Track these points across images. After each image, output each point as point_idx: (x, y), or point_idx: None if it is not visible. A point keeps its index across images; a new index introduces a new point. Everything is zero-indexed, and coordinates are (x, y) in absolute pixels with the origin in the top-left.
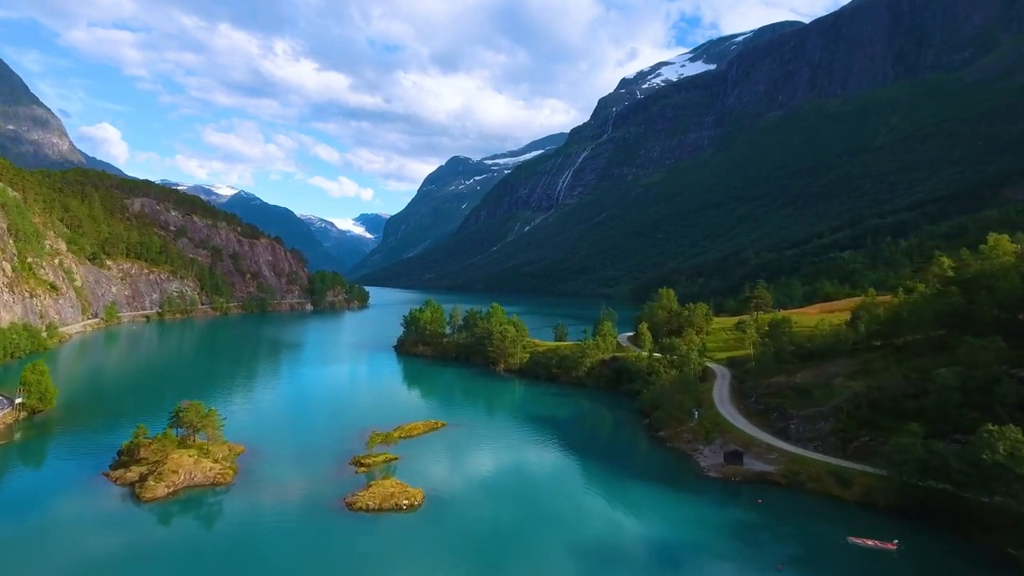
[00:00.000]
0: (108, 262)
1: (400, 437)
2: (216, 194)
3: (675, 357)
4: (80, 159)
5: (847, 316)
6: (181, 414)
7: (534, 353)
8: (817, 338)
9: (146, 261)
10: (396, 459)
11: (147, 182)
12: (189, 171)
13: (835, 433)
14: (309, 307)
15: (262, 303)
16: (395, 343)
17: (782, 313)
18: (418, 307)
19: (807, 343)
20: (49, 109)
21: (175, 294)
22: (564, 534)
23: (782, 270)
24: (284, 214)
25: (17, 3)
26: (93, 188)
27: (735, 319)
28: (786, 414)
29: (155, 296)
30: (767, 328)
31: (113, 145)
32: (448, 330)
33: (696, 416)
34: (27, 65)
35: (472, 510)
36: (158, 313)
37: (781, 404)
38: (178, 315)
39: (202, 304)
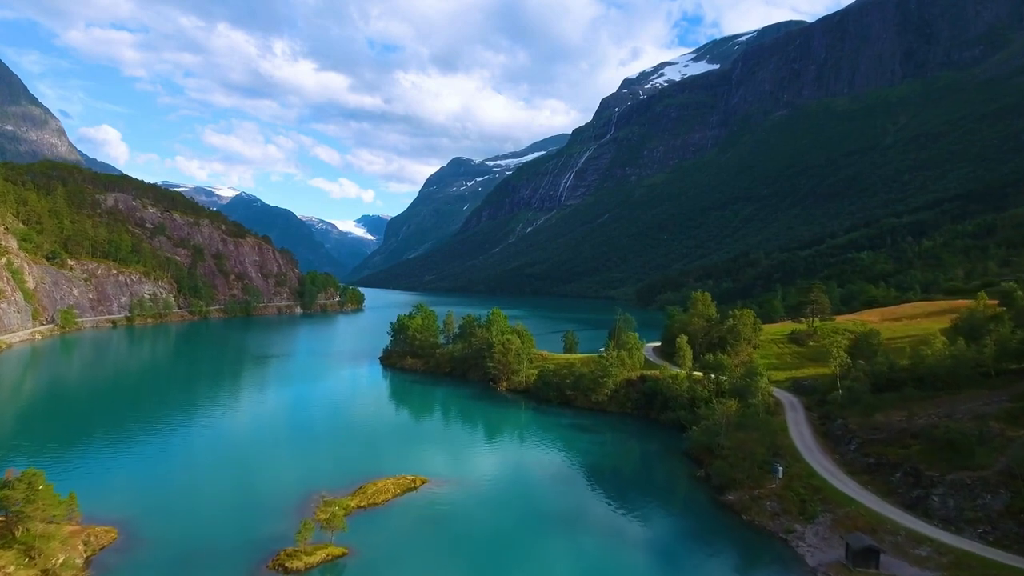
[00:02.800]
0: (70, 262)
1: (359, 507)
2: (217, 195)
3: (724, 379)
4: (78, 159)
5: (923, 324)
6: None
7: (543, 370)
8: (928, 359)
9: (115, 261)
10: (343, 555)
11: (124, 177)
12: (190, 172)
13: (1014, 515)
14: (298, 310)
15: (246, 306)
16: (381, 354)
17: (865, 322)
18: (408, 312)
19: (910, 364)
20: (48, 109)
21: (147, 297)
22: None
23: (796, 271)
24: (285, 215)
25: (14, 3)
26: (60, 182)
27: (778, 326)
28: (920, 476)
29: (124, 299)
30: (850, 343)
31: (113, 146)
32: (442, 339)
33: (780, 473)
34: (27, 66)
35: None
36: (127, 318)
37: (906, 459)
38: (150, 320)
39: (179, 308)
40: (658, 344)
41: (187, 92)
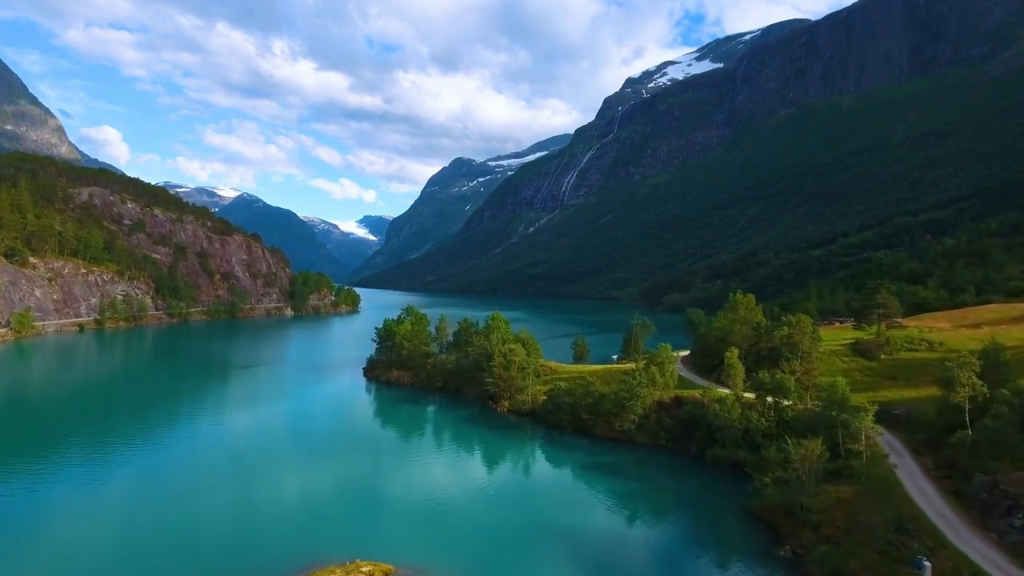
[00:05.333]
0: (33, 260)
1: None
2: (219, 196)
3: (787, 405)
4: (78, 159)
5: (1014, 332)
6: None
7: (553, 389)
8: None
9: (85, 259)
10: None
11: (103, 170)
12: (191, 173)
13: None
14: (288, 312)
15: (232, 308)
16: (365, 364)
17: (932, 328)
18: (396, 316)
19: None
20: (47, 109)
21: (120, 298)
22: None
23: (809, 271)
24: (287, 216)
25: (12, 2)
26: (30, 174)
27: (823, 332)
28: None
29: (94, 300)
30: (978, 364)
31: (114, 147)
32: (436, 348)
33: (928, 572)
34: (28, 66)
35: None
36: (96, 321)
37: None
38: (122, 323)
39: (157, 309)
40: (685, 353)
41: (187, 92)
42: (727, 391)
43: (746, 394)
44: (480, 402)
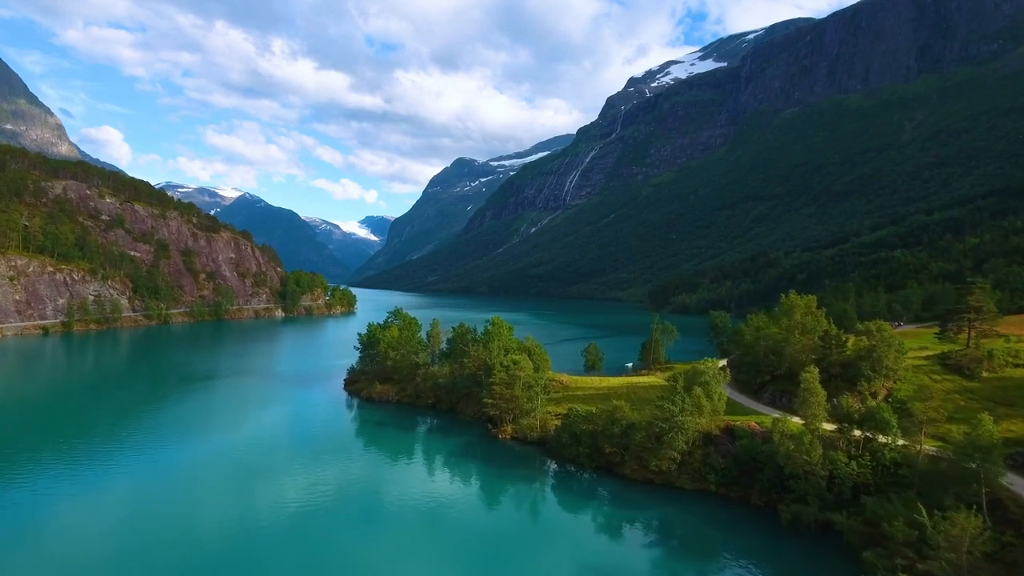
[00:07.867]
0: None
1: None
2: (221, 196)
3: (884, 444)
4: (77, 158)
5: None
6: None
7: (569, 415)
8: None
9: (53, 256)
10: None
11: (82, 163)
12: (192, 173)
13: None
14: (279, 313)
15: (217, 309)
16: (346, 376)
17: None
18: (384, 319)
19: None
20: (48, 108)
21: (91, 298)
22: None
23: (823, 272)
24: (289, 216)
25: (10, 2)
26: None
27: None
28: None
29: (62, 301)
30: None
31: (116, 147)
32: (428, 358)
33: None
34: (29, 66)
35: None
36: (63, 323)
37: None
38: (93, 325)
39: (134, 310)
40: (721, 363)
41: (187, 92)
42: (796, 420)
43: (825, 425)
44: (478, 424)
